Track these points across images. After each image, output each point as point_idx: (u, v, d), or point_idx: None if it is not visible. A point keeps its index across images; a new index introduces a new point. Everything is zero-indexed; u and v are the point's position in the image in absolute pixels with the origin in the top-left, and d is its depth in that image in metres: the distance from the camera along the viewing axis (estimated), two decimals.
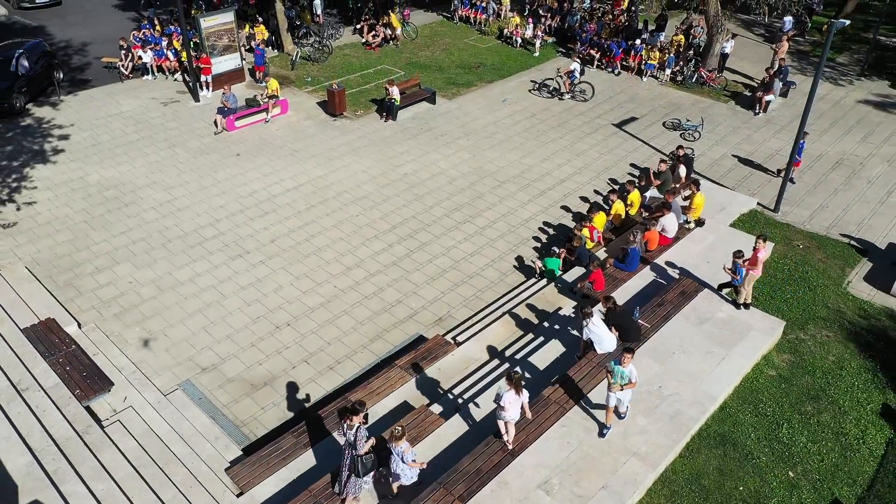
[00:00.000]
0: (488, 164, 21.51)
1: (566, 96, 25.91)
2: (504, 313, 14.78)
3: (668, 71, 27.24)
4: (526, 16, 32.64)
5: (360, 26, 31.24)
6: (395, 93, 23.78)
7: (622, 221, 17.63)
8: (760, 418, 12.40)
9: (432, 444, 11.25)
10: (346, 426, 9.91)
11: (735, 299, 14.29)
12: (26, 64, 23.76)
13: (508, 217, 18.90)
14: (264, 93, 23.65)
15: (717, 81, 26.59)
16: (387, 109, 23.94)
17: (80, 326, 14.46)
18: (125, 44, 26.17)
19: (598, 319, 12.53)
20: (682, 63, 27.25)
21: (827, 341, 14.32)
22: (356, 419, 9.83)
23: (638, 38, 28.52)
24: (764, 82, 25.10)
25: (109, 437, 11.45)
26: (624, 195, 17.79)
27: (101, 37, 30.04)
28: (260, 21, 29.84)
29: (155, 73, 26.53)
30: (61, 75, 25.65)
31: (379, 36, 30.25)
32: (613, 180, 20.63)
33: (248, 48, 27.68)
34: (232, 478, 11.01)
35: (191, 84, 25.09)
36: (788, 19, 30.39)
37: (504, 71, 28.40)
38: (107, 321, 14.91)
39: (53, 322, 13.98)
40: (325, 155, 21.76)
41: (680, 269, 15.60)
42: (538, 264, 16.29)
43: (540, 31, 30.91)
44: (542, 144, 22.72)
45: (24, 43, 25.08)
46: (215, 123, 22.86)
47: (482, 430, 11.49)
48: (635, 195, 17.78)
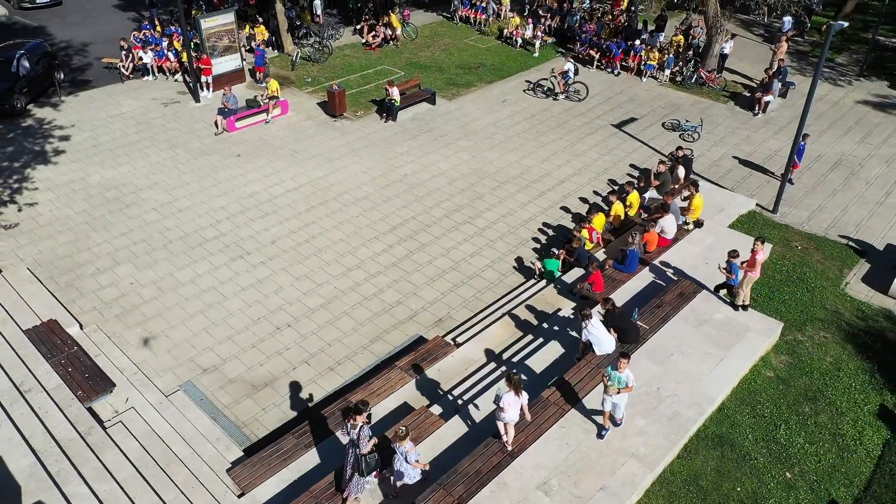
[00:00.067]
0: (488, 164, 21.57)
1: (560, 96, 25.98)
2: (504, 314, 14.85)
3: (667, 71, 27.30)
4: (526, 16, 32.67)
5: (360, 27, 31.27)
6: (395, 93, 23.83)
7: (621, 223, 17.70)
8: (758, 419, 12.48)
9: (432, 446, 11.33)
10: (349, 425, 10.02)
11: (733, 301, 14.36)
12: (27, 65, 23.81)
13: (508, 218, 18.97)
14: (265, 93, 23.70)
15: (716, 82, 26.64)
16: (387, 110, 23.99)
17: (81, 327, 14.54)
18: (126, 44, 26.21)
19: (597, 321, 12.61)
20: (681, 63, 27.29)
21: (825, 342, 14.39)
22: (359, 418, 9.94)
23: (637, 38, 28.55)
24: (763, 83, 25.16)
25: (111, 438, 11.52)
26: (623, 196, 17.85)
27: (101, 37, 30.07)
28: (260, 21, 29.87)
29: (155, 73, 26.58)
30: (62, 76, 25.71)
31: (379, 36, 30.28)
32: (613, 181, 20.69)
33: (248, 49, 27.71)
34: (233, 478, 11.09)
35: (191, 85, 25.14)
36: (788, 19, 30.43)
37: (504, 71, 28.44)
38: (108, 322, 14.98)
39: (55, 323, 14.05)
40: (325, 156, 21.82)
41: (679, 270, 15.67)
42: (537, 265, 16.37)
43: (540, 31, 30.96)
44: (541, 145, 22.78)
45: (25, 44, 25.12)
46: (216, 124, 22.91)
47: (482, 431, 11.57)
48: (634, 196, 17.83)
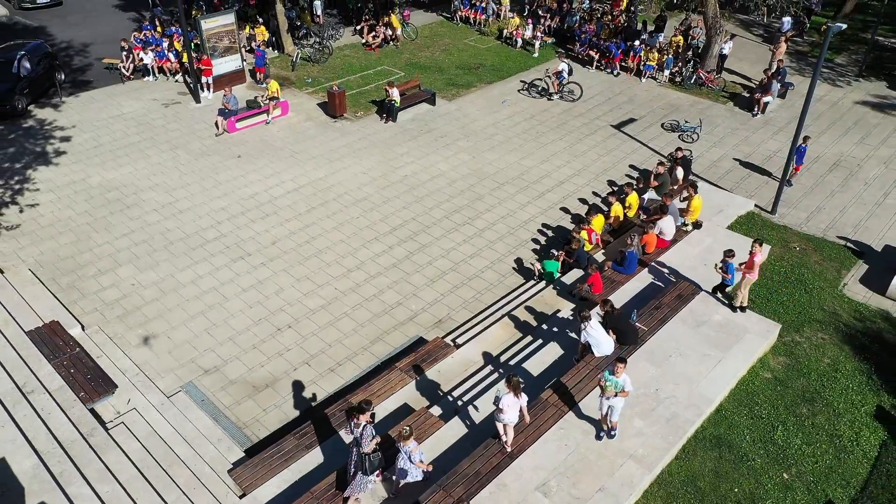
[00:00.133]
0: (488, 165, 21.64)
1: (555, 96, 26.06)
2: (503, 316, 14.93)
3: (666, 72, 27.36)
4: (525, 16, 32.71)
5: (360, 27, 31.33)
6: (395, 94, 23.89)
7: (620, 224, 17.77)
8: (756, 420, 12.56)
9: (432, 447, 11.40)
10: (353, 424, 10.16)
11: (731, 302, 14.44)
12: (28, 66, 23.89)
13: (508, 219, 19.04)
14: (265, 94, 23.77)
15: (715, 82, 26.70)
16: (387, 111, 24.05)
17: (83, 329, 14.61)
18: (126, 45, 26.26)
19: (595, 323, 12.69)
20: (680, 64, 27.34)
21: (822, 344, 14.47)
22: (363, 418, 10.08)
23: (637, 38, 28.62)
24: (762, 84, 25.22)
25: (114, 439, 11.60)
26: (622, 197, 17.92)
27: (101, 37, 30.13)
28: (260, 22, 29.93)
29: (156, 74, 26.63)
30: (63, 77, 25.78)
31: (379, 37, 30.33)
32: (612, 182, 20.76)
33: (248, 49, 27.76)
34: (235, 479, 11.18)
35: (192, 85, 25.20)
36: (787, 20, 30.48)
37: (503, 72, 28.50)
38: (110, 323, 15.06)
39: (57, 324, 14.13)
40: (325, 156, 21.89)
41: (677, 271, 15.74)
42: (537, 267, 16.44)
43: (539, 31, 31.01)
44: (541, 146, 22.84)
45: (26, 44, 25.20)
46: (216, 125, 22.97)
47: (481, 432, 11.65)
48: (633, 197, 17.90)
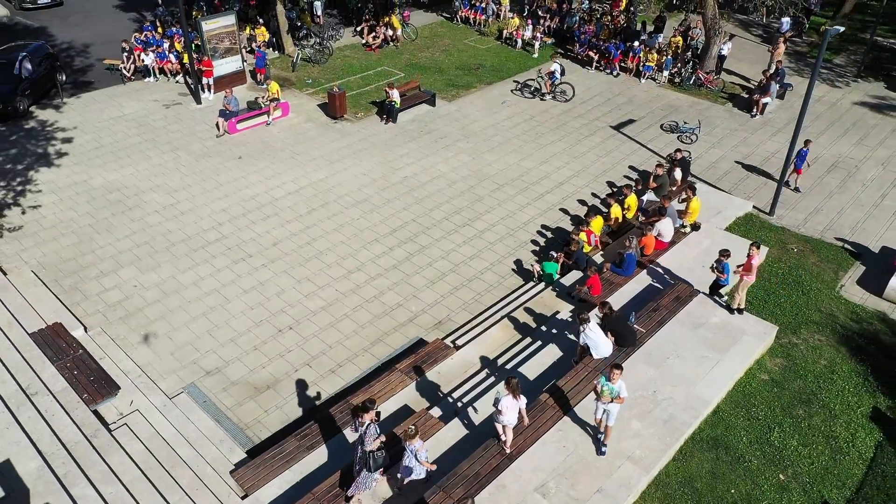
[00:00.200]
0: (487, 166, 21.73)
1: (547, 97, 26.16)
2: (503, 317, 15.04)
3: (665, 73, 27.44)
4: (525, 17, 32.77)
5: (360, 27, 31.39)
6: (395, 95, 23.98)
7: (619, 225, 17.87)
8: (752, 422, 12.68)
9: (432, 448, 11.47)
10: (357, 423, 10.31)
11: (729, 304, 14.55)
12: (29, 67, 23.97)
13: (507, 220, 19.14)
14: (266, 95, 23.85)
15: (714, 83, 26.78)
16: (387, 112, 24.14)
17: (86, 330, 14.72)
18: (127, 46, 26.33)
19: (594, 325, 12.80)
20: (679, 65, 27.42)
21: (819, 345, 14.58)
22: (367, 416, 10.23)
23: (636, 39, 28.69)
24: (761, 84, 25.31)
25: (117, 440, 11.71)
26: (621, 199, 18.01)
27: (102, 38, 30.20)
28: (261, 23, 29.99)
29: (157, 75, 26.72)
30: (64, 78, 25.87)
31: (379, 37, 30.40)
32: (611, 183, 20.86)
33: (249, 50, 27.84)
34: (237, 480, 11.29)
35: (192, 86, 25.28)
36: (786, 20, 30.55)
37: (503, 72, 28.57)
38: (112, 325, 15.17)
39: (60, 326, 14.24)
40: (325, 158, 21.99)
41: (675, 273, 15.84)
42: (536, 268, 16.55)
43: (539, 32, 31.08)
44: (540, 147, 22.94)
45: (28, 45, 25.28)
46: (217, 126, 23.06)
47: (481, 433, 11.76)
48: (632, 199, 17.99)
